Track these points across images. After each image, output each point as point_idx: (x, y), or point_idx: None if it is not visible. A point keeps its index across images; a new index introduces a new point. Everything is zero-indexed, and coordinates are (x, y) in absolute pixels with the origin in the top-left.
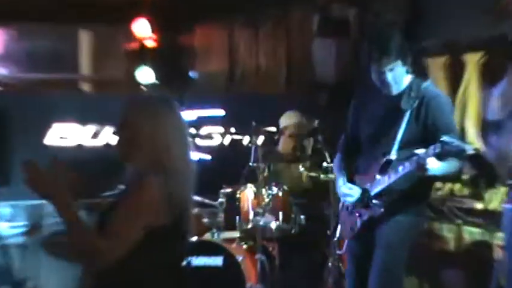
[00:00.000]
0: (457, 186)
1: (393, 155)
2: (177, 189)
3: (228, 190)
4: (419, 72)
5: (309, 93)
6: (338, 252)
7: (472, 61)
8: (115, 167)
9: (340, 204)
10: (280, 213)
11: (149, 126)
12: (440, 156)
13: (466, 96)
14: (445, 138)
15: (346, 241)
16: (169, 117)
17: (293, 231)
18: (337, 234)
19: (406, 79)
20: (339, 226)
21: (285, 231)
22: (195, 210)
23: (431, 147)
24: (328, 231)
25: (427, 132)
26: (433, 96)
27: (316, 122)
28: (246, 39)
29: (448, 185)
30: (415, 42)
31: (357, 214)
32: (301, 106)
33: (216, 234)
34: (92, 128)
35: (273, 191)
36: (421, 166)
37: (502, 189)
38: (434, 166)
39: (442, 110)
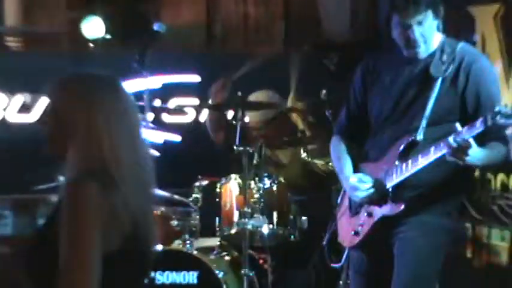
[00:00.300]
0: None
1: (420, 135)
2: (126, 196)
3: (205, 183)
4: (463, 26)
5: (313, 55)
6: (333, 265)
7: None
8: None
9: (340, 201)
10: (275, 213)
11: (82, 112)
12: (493, 131)
13: None
14: (498, 107)
15: (347, 251)
16: (110, 101)
17: (292, 238)
18: (326, 241)
19: (437, 38)
20: (338, 230)
21: (280, 238)
22: (161, 210)
23: (477, 121)
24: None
25: (466, 106)
26: (473, 60)
27: (324, 92)
28: None
29: (500, 177)
30: None
31: (365, 213)
32: (303, 72)
33: (189, 242)
34: (20, 98)
35: (265, 184)
36: (461, 148)
37: None
38: (476, 151)
39: (487, 78)
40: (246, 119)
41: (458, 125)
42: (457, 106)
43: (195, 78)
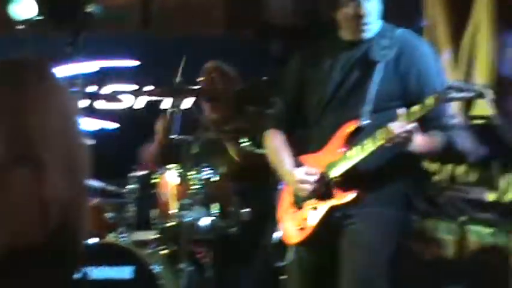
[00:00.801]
0: (461, 170)
1: (364, 121)
2: (55, 183)
3: (142, 173)
4: (411, 10)
5: (257, 38)
6: (280, 263)
7: None
8: None
9: (282, 195)
10: (215, 205)
11: (6, 99)
12: (436, 116)
13: (473, 45)
14: (450, 82)
15: (291, 248)
16: (37, 84)
17: (233, 231)
18: (276, 238)
19: (378, 23)
20: (281, 226)
21: (221, 231)
22: (95, 201)
23: (422, 103)
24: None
25: (408, 90)
26: (414, 44)
27: (265, 78)
28: None
29: (448, 168)
30: None
31: (311, 207)
32: (245, 55)
33: (124, 235)
34: None
35: (205, 174)
36: (410, 132)
37: None
38: (418, 137)
39: (428, 62)
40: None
41: (401, 110)
42: (400, 91)
43: (132, 62)
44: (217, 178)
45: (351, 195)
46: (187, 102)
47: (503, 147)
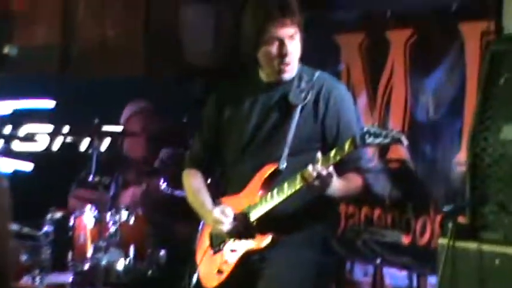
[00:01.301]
0: (377, 212)
1: (282, 164)
2: None
3: (58, 215)
4: (328, 54)
5: (177, 80)
6: None
7: (399, 40)
8: None
9: (201, 238)
10: (132, 247)
11: None
12: (353, 159)
13: (390, 87)
14: (366, 127)
15: None
16: None
17: (150, 273)
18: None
19: (297, 64)
20: (198, 269)
21: (138, 273)
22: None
23: (345, 144)
24: None
25: (326, 133)
26: (332, 87)
27: (185, 120)
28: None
29: (364, 210)
30: (324, 13)
31: (229, 249)
32: (165, 97)
33: (38, 278)
34: None
35: (121, 216)
36: (326, 177)
37: (438, 218)
38: (335, 181)
39: (346, 106)
40: None
41: (319, 154)
42: (318, 134)
43: (49, 103)
44: (133, 220)
45: (268, 239)
46: (105, 143)
47: (418, 190)
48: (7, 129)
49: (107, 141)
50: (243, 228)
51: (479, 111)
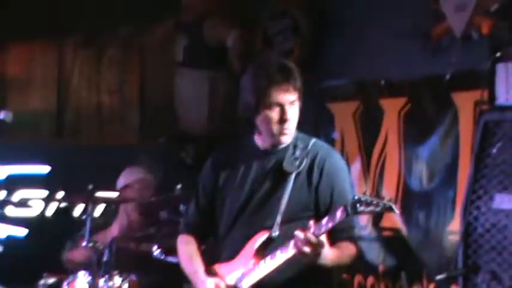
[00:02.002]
0: (370, 281)
1: (275, 232)
2: None
3: (51, 280)
4: (323, 122)
5: (169, 147)
6: None
7: (393, 109)
8: None
9: None
10: None
11: None
12: (345, 228)
13: (384, 155)
14: (358, 196)
15: None
16: None
17: None
18: None
19: (292, 131)
20: None
21: None
22: None
23: (337, 211)
24: None
25: (319, 201)
26: (327, 155)
27: (179, 186)
28: (84, 65)
29: (358, 278)
30: (318, 81)
31: None
32: (159, 164)
33: None
34: None
35: (115, 282)
36: (319, 244)
37: (431, 287)
38: (327, 250)
39: (340, 174)
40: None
41: (311, 222)
42: (312, 202)
43: (44, 169)
44: (127, 285)
45: None
46: (100, 209)
47: (411, 258)
48: (1, 195)
49: (101, 207)
50: None
51: (472, 180)
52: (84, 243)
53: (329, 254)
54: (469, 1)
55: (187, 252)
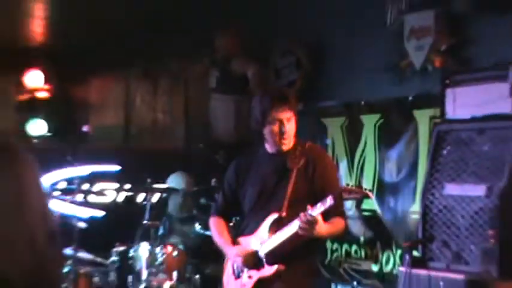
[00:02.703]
0: (354, 248)
1: (283, 213)
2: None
3: (121, 248)
4: (318, 132)
5: (207, 151)
6: None
7: (370, 123)
8: None
9: (226, 267)
10: (175, 272)
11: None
12: (335, 210)
13: (363, 157)
14: (340, 188)
15: None
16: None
17: None
18: None
19: (292, 139)
20: None
21: None
22: (85, 269)
23: (328, 198)
24: None
25: (315, 189)
26: (318, 155)
27: (214, 180)
28: (143, 92)
29: (345, 247)
30: (315, 102)
31: (247, 276)
32: (199, 164)
33: None
34: None
35: (167, 250)
36: (315, 221)
37: (398, 252)
38: (322, 225)
39: (329, 169)
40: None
41: (309, 206)
42: (309, 189)
43: (115, 167)
44: (177, 253)
45: (273, 269)
46: (156, 197)
47: (384, 232)
48: (85, 186)
49: (156, 196)
50: (255, 261)
51: (428, 174)
52: (145, 222)
53: (324, 228)
54: (426, 43)
55: (218, 229)
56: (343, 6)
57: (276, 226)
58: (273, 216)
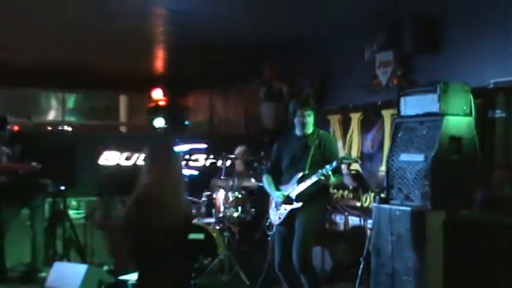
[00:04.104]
0: (346, 192)
1: (306, 171)
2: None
3: (208, 193)
4: (325, 123)
5: (258, 135)
6: (269, 233)
7: (355, 118)
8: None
9: (271, 203)
10: (240, 207)
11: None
12: (336, 170)
13: (351, 138)
14: (339, 157)
15: (275, 226)
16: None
17: (247, 219)
18: (268, 222)
19: (312, 127)
20: (270, 217)
21: (242, 219)
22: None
23: (330, 165)
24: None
25: (324, 157)
26: (327, 137)
27: (262, 153)
28: (220, 101)
29: (340, 192)
30: (323, 106)
31: (284, 208)
32: (253, 143)
33: (199, 220)
34: (125, 154)
35: (235, 194)
36: (326, 176)
37: (372, 194)
38: (332, 178)
39: (333, 145)
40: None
41: (326, 166)
42: (321, 159)
43: (204, 145)
44: (241, 195)
45: (299, 204)
46: (227, 162)
47: (364, 183)
48: (187, 157)
49: (228, 161)
50: (289, 199)
51: (389, 148)
52: (222, 177)
53: (332, 180)
54: (388, 70)
55: (267, 181)
56: (339, 49)
57: (301, 179)
58: (299, 174)
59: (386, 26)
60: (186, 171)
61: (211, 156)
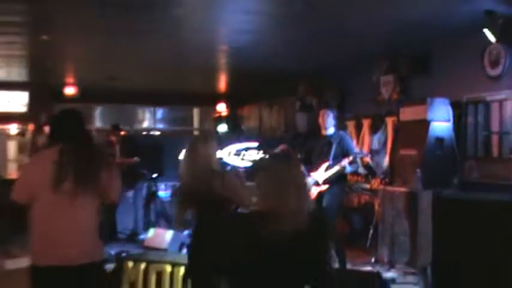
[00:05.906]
0: (359, 178)
1: (331, 162)
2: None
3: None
4: (344, 127)
5: (295, 137)
6: None
7: (366, 123)
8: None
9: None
10: None
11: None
12: (352, 161)
13: (363, 138)
14: (354, 152)
15: None
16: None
17: None
18: None
19: (333, 128)
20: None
21: None
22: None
23: (348, 158)
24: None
25: (343, 152)
26: (345, 137)
27: (298, 149)
28: (266, 112)
29: (355, 177)
30: (342, 113)
31: (316, 189)
32: (291, 142)
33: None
34: None
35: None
36: (343, 166)
37: (379, 179)
38: (348, 167)
39: (349, 143)
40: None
41: (345, 159)
42: (341, 153)
43: (256, 144)
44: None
45: (326, 186)
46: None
47: (373, 171)
48: (243, 152)
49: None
50: (317, 183)
51: (392, 145)
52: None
53: (349, 169)
54: (390, 88)
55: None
56: (354, 74)
57: (327, 168)
58: (326, 164)
59: (388, 57)
60: (243, 163)
61: (261, 152)
